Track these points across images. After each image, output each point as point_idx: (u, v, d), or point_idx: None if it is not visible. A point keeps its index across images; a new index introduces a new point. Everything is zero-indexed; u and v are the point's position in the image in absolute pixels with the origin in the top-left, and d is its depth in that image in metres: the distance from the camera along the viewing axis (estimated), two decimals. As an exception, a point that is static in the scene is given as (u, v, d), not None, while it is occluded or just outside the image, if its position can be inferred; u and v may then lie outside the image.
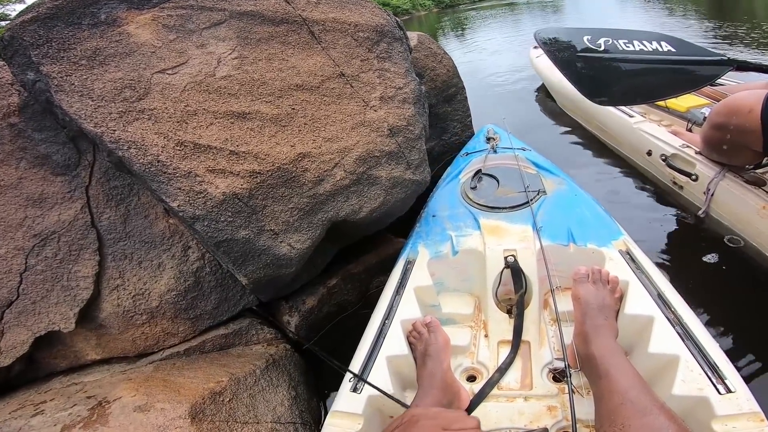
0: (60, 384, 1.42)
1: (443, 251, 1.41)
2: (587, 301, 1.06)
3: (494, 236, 1.39)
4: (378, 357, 1.10)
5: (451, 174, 1.90)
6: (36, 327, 1.39)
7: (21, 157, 1.42)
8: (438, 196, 1.76)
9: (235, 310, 1.63)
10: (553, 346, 1.17)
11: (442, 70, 2.81)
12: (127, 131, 1.18)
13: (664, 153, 2.07)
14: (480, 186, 1.72)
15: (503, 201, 1.57)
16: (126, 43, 1.29)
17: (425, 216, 1.65)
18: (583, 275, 1.12)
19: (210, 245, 1.29)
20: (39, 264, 1.42)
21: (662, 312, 1.04)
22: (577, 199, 1.54)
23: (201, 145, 1.26)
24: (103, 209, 1.46)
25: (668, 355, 0.94)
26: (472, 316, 1.33)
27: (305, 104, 1.54)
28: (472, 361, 1.21)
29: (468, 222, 1.50)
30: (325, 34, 1.72)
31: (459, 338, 1.24)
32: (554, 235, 1.35)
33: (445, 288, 1.42)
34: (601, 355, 0.90)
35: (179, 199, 1.19)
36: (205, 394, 1.27)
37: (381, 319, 1.22)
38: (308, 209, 1.43)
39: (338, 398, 1.03)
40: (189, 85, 1.33)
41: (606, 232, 1.37)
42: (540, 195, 1.57)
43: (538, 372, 1.12)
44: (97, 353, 1.50)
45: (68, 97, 1.16)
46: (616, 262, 1.24)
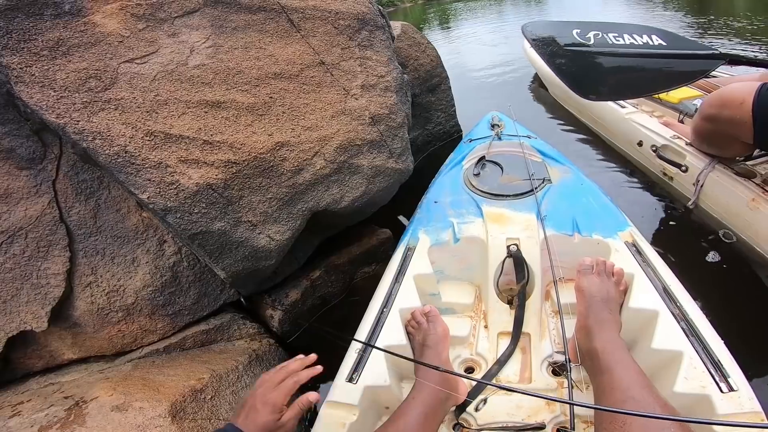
0: (37, 384, 1.37)
1: (444, 238, 1.36)
2: (591, 294, 1.02)
3: (497, 224, 1.35)
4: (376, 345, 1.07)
5: (453, 160, 1.84)
6: (7, 327, 1.34)
7: (-17, 151, 1.34)
8: (440, 182, 1.70)
9: (216, 305, 1.59)
10: (553, 338, 1.14)
11: (426, 60, 2.77)
12: (91, 122, 1.12)
13: (655, 144, 2.05)
14: (484, 173, 1.67)
15: (507, 188, 1.52)
16: (91, 33, 1.22)
17: (426, 202, 1.60)
18: (588, 266, 1.09)
19: (184, 238, 1.24)
20: (7, 262, 1.35)
21: (667, 307, 1.01)
22: (583, 189, 1.50)
23: (172, 135, 1.21)
24: (72, 203, 1.40)
25: (672, 351, 0.92)
26: (472, 306, 1.29)
27: (284, 93, 1.48)
28: (471, 352, 1.18)
29: (470, 209, 1.45)
30: (305, 21, 1.67)
31: (458, 328, 1.21)
32: (559, 225, 1.31)
33: (445, 276, 1.38)
34: (603, 349, 0.88)
35: (149, 191, 1.14)
36: (186, 392, 1.23)
37: (379, 308, 1.18)
38: (287, 199, 1.39)
39: (333, 388, 1.00)
40: (159, 74, 1.27)
41: (612, 223, 1.32)
42: (545, 183, 1.53)
43: (538, 365, 1.09)
44: (74, 352, 1.45)
45: (28, 88, 1.10)
46: (622, 254, 1.20)
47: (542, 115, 3.26)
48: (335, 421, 0.92)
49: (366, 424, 0.96)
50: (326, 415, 0.94)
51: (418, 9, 13.97)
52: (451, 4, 12.98)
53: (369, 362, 1.03)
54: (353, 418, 0.92)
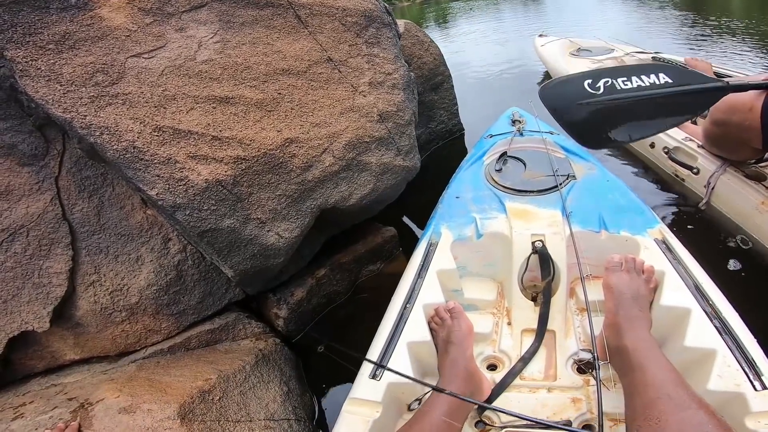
0: (38, 386, 1.36)
1: (467, 234, 1.35)
2: (620, 291, 1.01)
3: (521, 220, 1.34)
4: (398, 343, 1.06)
5: (474, 156, 1.82)
6: (8, 327, 1.32)
7: (-16, 147, 1.31)
8: (461, 178, 1.68)
9: (221, 304, 1.57)
10: (579, 336, 1.13)
11: (429, 59, 2.76)
12: (99, 116, 1.09)
13: (667, 146, 2.04)
14: (506, 168, 1.65)
15: (531, 184, 1.51)
16: (98, 27, 1.20)
17: (448, 197, 1.58)
18: (617, 263, 1.08)
19: (193, 235, 1.21)
20: (8, 260, 1.33)
21: (699, 304, 1.00)
22: (610, 185, 1.49)
23: (181, 131, 1.18)
24: (74, 201, 1.37)
25: (705, 349, 0.91)
26: (495, 303, 1.28)
27: (292, 89, 1.47)
28: (493, 349, 1.17)
29: (493, 205, 1.44)
30: (312, 18, 1.65)
31: (481, 325, 1.20)
32: (585, 221, 1.30)
33: (468, 272, 1.37)
34: (634, 347, 0.86)
35: (158, 187, 1.12)
36: (194, 393, 1.22)
37: (402, 303, 1.16)
38: (296, 196, 1.37)
39: (356, 385, 1.00)
40: (167, 69, 1.25)
41: (641, 220, 1.30)
42: (569, 179, 1.51)
43: (563, 363, 1.08)
44: (76, 353, 1.43)
45: (34, 82, 1.08)
46: (652, 251, 1.18)
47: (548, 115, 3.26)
48: (358, 417, 0.91)
49: (389, 420, 0.96)
50: (349, 412, 0.93)
51: (416, 8, 13.97)
52: (449, 4, 13.00)
53: (392, 358, 1.02)
54: (376, 415, 0.91)
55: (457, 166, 2.62)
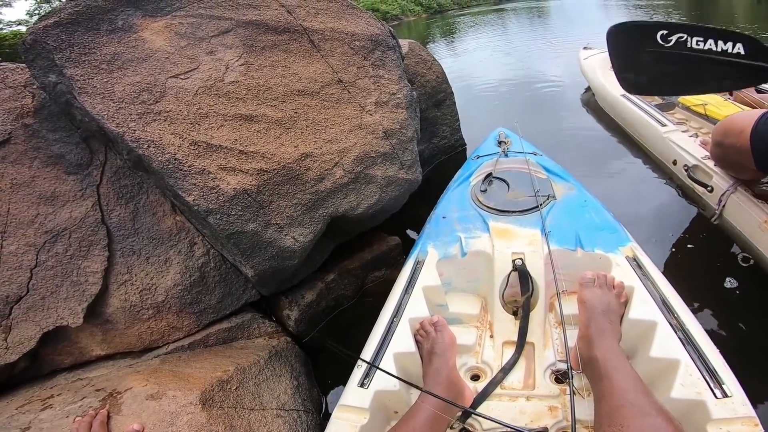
0: (65, 380, 1.46)
1: (452, 252, 1.46)
2: (592, 305, 1.09)
3: (503, 239, 1.44)
4: (386, 353, 1.15)
5: (461, 176, 1.95)
6: (44, 322, 1.45)
7: (34, 156, 1.52)
8: (448, 198, 1.81)
9: (238, 304, 1.74)
10: (556, 348, 1.20)
11: (432, 77, 2.98)
12: (146, 131, 1.30)
13: (687, 164, 2.14)
14: (490, 189, 1.76)
15: (513, 205, 1.61)
16: (142, 49, 1.42)
17: (435, 217, 1.70)
18: (589, 279, 1.16)
19: (221, 237, 1.41)
20: (49, 260, 1.49)
21: (665, 317, 1.07)
22: (587, 205, 1.58)
23: (213, 145, 1.39)
24: (113, 207, 1.57)
25: (669, 359, 0.97)
26: (479, 317, 1.37)
27: (307, 108, 1.68)
28: (476, 360, 1.25)
29: (477, 224, 1.54)
30: (324, 42, 1.88)
31: (465, 338, 1.28)
32: (562, 240, 1.39)
33: (453, 288, 1.46)
34: (603, 357, 0.93)
35: (194, 194, 1.32)
36: (214, 383, 1.34)
37: (390, 317, 1.26)
38: (310, 205, 1.57)
39: (345, 393, 1.07)
40: (200, 89, 1.47)
41: (614, 238, 1.40)
42: (549, 200, 1.62)
43: (541, 373, 1.15)
44: (102, 349, 1.56)
45: (91, 98, 1.29)
46: (623, 268, 1.27)
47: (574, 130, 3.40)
48: (347, 423, 0.99)
49: (376, 426, 1.03)
50: (338, 418, 1.01)
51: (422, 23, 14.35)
52: (454, 18, 13.33)
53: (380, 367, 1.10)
54: (364, 421, 0.99)
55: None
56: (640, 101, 2.80)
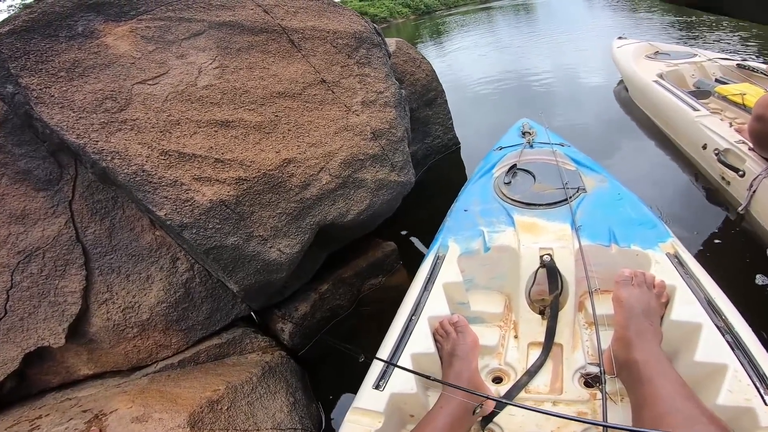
0: (54, 400, 1.40)
1: (474, 247, 1.35)
2: (631, 305, 1.00)
3: (530, 234, 1.33)
4: (403, 354, 1.07)
5: (483, 168, 1.82)
6: (25, 343, 1.37)
7: (2, 173, 1.39)
8: (470, 191, 1.68)
9: (228, 319, 1.61)
10: (587, 350, 1.12)
11: (421, 75, 2.84)
12: (110, 142, 1.17)
13: (718, 147, 2.01)
14: (515, 181, 1.64)
15: (540, 197, 1.49)
16: (105, 55, 1.28)
17: (456, 210, 1.57)
18: (627, 278, 1.06)
19: (199, 253, 1.27)
20: (25, 281, 1.39)
21: (711, 319, 0.98)
22: (621, 198, 1.46)
23: (185, 154, 1.25)
24: (87, 223, 1.44)
25: (715, 364, 0.89)
26: (502, 316, 1.27)
27: (288, 111, 1.54)
28: (499, 362, 1.16)
29: (501, 218, 1.43)
30: (305, 42, 1.74)
31: (487, 338, 1.19)
32: (594, 235, 1.28)
33: (475, 285, 1.36)
34: (644, 360, 0.86)
35: (166, 208, 1.18)
36: (203, 403, 1.25)
37: (407, 315, 1.17)
38: (296, 214, 1.43)
39: (359, 395, 1.00)
40: (171, 95, 1.33)
41: (652, 234, 1.27)
42: (579, 192, 1.50)
43: (570, 376, 1.06)
44: (90, 368, 1.48)
45: (49, 108, 1.15)
46: (663, 266, 1.15)
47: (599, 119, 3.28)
48: (360, 427, 0.91)
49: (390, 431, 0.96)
50: (351, 422, 0.93)
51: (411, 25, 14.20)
52: (442, 19, 13.22)
53: (396, 370, 1.02)
54: (378, 425, 0.91)
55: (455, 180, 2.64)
56: (673, 87, 2.66)
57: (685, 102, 2.45)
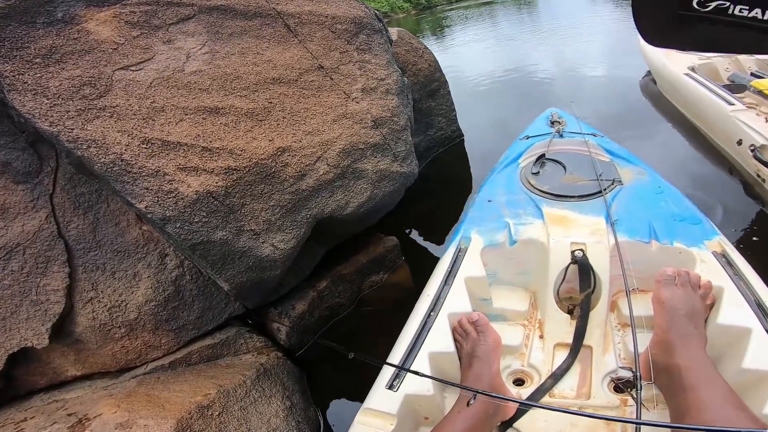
0: (41, 402, 1.33)
1: (499, 240, 1.26)
2: (674, 307, 0.93)
3: (560, 227, 1.24)
4: (420, 352, 0.99)
5: (509, 157, 1.71)
6: (8, 344, 1.29)
7: (-22, 166, 1.29)
8: (494, 180, 1.58)
9: (221, 318, 1.52)
10: (619, 353, 1.04)
11: (424, 65, 2.73)
12: (86, 129, 1.07)
13: (754, 143, 1.92)
14: (543, 172, 1.54)
15: (571, 189, 1.40)
16: (85, 41, 1.18)
17: (479, 200, 1.48)
18: (670, 277, 0.99)
19: (185, 248, 1.18)
20: (5, 279, 1.30)
21: (762, 323, 0.90)
22: (662, 192, 1.35)
23: (170, 142, 1.15)
24: (70, 218, 1.34)
25: (766, 372, 0.83)
26: (527, 314, 1.19)
27: (283, 98, 1.44)
28: (522, 363, 1.08)
29: (529, 210, 1.34)
30: (302, 26, 1.63)
31: (509, 337, 1.12)
32: (632, 230, 1.18)
33: (498, 280, 1.27)
34: (687, 366, 0.80)
35: (147, 200, 1.08)
36: (192, 409, 1.17)
37: (426, 311, 1.09)
38: (291, 206, 1.33)
39: (371, 395, 0.94)
40: (155, 81, 1.23)
41: (697, 230, 1.18)
42: (615, 185, 1.40)
43: (599, 380, 0.99)
44: (77, 369, 1.40)
45: (21, 96, 1.06)
46: (709, 265, 1.07)
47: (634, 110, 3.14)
48: (371, 429, 0.86)
49: None
50: (362, 423, 0.88)
51: (412, 20, 14.04)
52: (444, 13, 13.06)
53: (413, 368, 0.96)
54: (390, 428, 0.86)
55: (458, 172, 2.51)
56: (706, 81, 2.53)
57: (720, 96, 2.32)
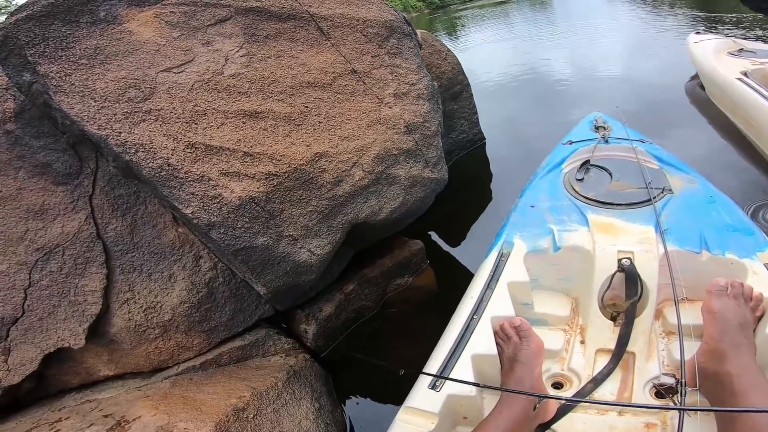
0: (73, 401, 1.33)
1: (543, 245, 1.25)
2: (725, 317, 0.93)
3: (606, 235, 1.23)
4: (462, 354, 1.00)
5: (551, 163, 1.68)
6: (44, 344, 1.30)
7: (19, 166, 1.30)
8: (537, 186, 1.56)
9: (251, 320, 1.52)
10: (662, 360, 1.04)
11: (447, 68, 2.70)
12: (133, 133, 1.06)
13: None
14: (588, 178, 1.51)
15: (618, 196, 1.38)
16: (128, 41, 1.18)
17: (522, 206, 1.47)
18: (722, 287, 0.98)
19: (227, 254, 1.17)
20: (44, 279, 1.31)
21: None
22: (714, 201, 1.33)
23: (213, 147, 1.15)
24: (108, 219, 1.34)
25: None
26: (568, 320, 1.19)
27: (318, 102, 1.43)
28: (562, 367, 1.09)
29: (573, 216, 1.33)
30: (334, 30, 1.62)
31: (550, 341, 1.12)
32: (683, 240, 1.17)
33: (540, 286, 1.27)
34: (738, 373, 0.80)
35: (193, 205, 1.08)
36: (229, 411, 1.17)
37: (468, 314, 1.10)
38: (327, 212, 1.32)
39: (413, 394, 0.95)
40: (197, 83, 1.22)
41: (750, 242, 1.15)
42: (665, 193, 1.37)
43: (640, 386, 0.99)
44: (110, 369, 1.40)
45: (69, 98, 1.05)
46: (761, 277, 1.05)
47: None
48: (412, 427, 0.87)
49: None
50: (403, 421, 0.89)
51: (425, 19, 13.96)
52: (457, 13, 12.95)
53: (454, 370, 0.97)
54: (431, 426, 0.87)
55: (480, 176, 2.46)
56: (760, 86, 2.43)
57: None
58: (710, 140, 2.62)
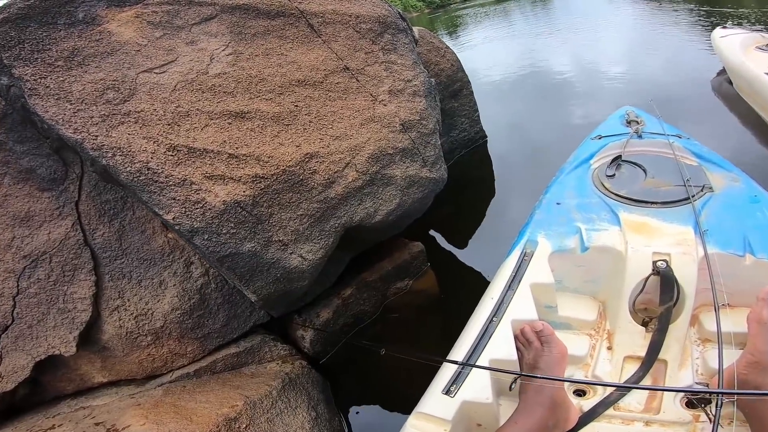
0: (68, 408, 1.31)
1: (569, 245, 1.18)
2: None
3: (640, 235, 1.15)
4: (480, 358, 0.94)
5: (579, 158, 1.60)
6: (35, 351, 1.27)
7: (4, 172, 1.25)
8: (563, 182, 1.48)
9: (245, 327, 1.47)
10: (696, 368, 0.97)
11: (446, 65, 2.62)
12: (110, 136, 1.01)
13: None
14: (620, 174, 1.43)
15: (653, 194, 1.30)
16: (107, 42, 1.12)
17: (546, 202, 1.39)
18: None
19: (212, 261, 1.11)
20: (32, 286, 1.27)
21: None
22: (759, 201, 1.23)
23: (196, 149, 1.09)
24: (95, 226, 1.30)
25: None
26: (594, 324, 1.12)
27: (309, 101, 1.36)
28: (586, 373, 1.03)
29: (603, 215, 1.25)
30: (325, 26, 1.55)
31: (574, 347, 1.05)
32: (725, 242, 1.09)
33: (564, 287, 1.20)
34: None
35: (174, 211, 1.02)
36: (220, 421, 1.13)
37: (488, 316, 1.03)
38: (319, 215, 1.25)
39: (426, 399, 0.90)
40: (179, 84, 1.16)
41: None
42: (705, 191, 1.28)
43: (671, 396, 0.93)
44: (104, 376, 1.37)
45: (43, 101, 1.00)
46: None
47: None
48: None
49: None
50: (414, 427, 0.85)
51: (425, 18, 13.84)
52: (457, 12, 12.84)
53: (471, 374, 0.92)
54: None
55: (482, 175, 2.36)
56: None
57: None
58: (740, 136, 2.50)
